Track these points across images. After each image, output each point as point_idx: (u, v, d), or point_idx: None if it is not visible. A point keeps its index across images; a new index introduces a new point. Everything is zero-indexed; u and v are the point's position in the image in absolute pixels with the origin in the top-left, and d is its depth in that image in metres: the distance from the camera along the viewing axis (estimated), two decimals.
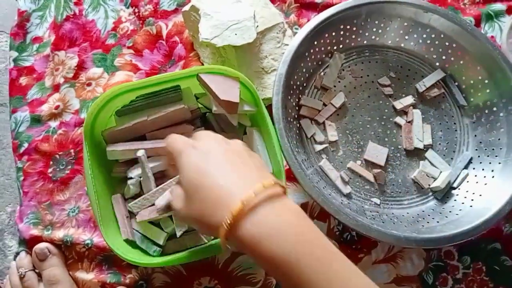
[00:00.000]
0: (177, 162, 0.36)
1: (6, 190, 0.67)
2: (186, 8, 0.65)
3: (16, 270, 0.57)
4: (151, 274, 0.57)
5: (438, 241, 0.51)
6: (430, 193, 0.60)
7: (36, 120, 0.65)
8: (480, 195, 0.56)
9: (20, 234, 0.59)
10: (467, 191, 0.58)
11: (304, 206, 0.60)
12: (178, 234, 0.49)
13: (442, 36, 0.63)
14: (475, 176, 0.59)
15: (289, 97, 0.60)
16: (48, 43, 0.69)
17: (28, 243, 0.59)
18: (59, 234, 0.58)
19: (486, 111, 0.61)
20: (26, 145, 0.63)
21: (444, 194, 0.59)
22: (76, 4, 0.71)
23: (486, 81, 0.61)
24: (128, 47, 0.69)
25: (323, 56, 0.66)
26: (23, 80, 0.67)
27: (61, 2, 0.71)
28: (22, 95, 0.66)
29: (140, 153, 0.50)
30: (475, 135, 0.62)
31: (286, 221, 0.31)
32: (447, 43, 0.64)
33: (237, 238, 0.31)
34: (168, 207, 0.46)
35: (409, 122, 0.63)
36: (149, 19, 0.70)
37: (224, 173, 0.33)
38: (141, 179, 0.51)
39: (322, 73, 0.66)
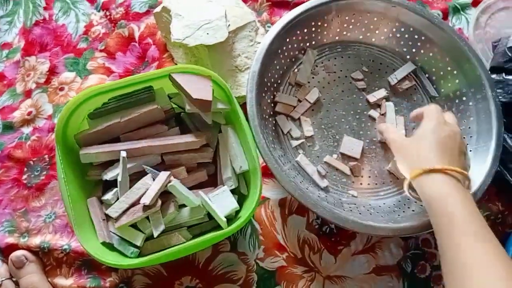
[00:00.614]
0: (429, 120, 0.51)
1: None
2: (158, 9, 0.65)
3: None
4: (131, 276, 0.57)
5: (414, 229, 0.52)
6: None
7: (8, 127, 0.64)
8: None
9: None
10: None
11: (282, 202, 0.60)
12: (156, 234, 0.49)
13: (411, 29, 0.65)
14: None
15: (264, 94, 0.60)
16: (18, 48, 0.68)
17: (4, 251, 0.57)
18: (35, 240, 0.58)
19: (457, 101, 0.63)
20: None
21: None
22: (45, 9, 0.70)
23: (455, 72, 0.62)
24: (101, 50, 0.68)
25: (296, 53, 0.67)
26: None
27: (30, 7, 0.70)
28: None
29: (123, 153, 0.49)
30: None
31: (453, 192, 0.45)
32: (416, 36, 0.65)
33: (420, 182, 0.47)
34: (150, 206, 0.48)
35: (382, 114, 0.64)
36: (121, 21, 0.69)
37: (444, 151, 0.48)
38: (120, 180, 0.50)
39: (296, 70, 0.66)
